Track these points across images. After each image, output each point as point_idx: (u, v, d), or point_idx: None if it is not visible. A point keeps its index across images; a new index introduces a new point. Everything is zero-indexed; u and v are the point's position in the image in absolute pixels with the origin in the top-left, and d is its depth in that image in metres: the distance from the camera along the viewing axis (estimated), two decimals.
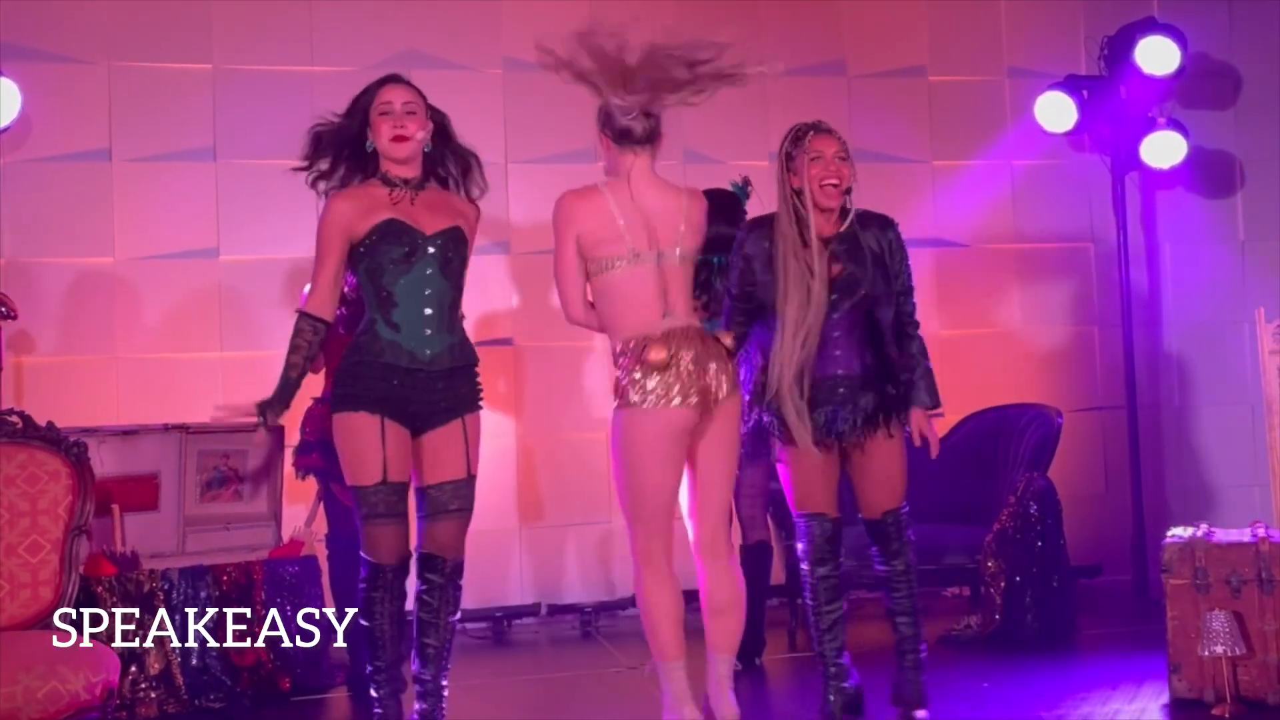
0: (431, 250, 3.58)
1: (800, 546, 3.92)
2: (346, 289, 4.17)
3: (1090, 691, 4.35)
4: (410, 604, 3.73)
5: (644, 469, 3.60)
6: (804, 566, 3.92)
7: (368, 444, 3.52)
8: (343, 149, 3.66)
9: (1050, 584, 5.15)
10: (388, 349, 3.56)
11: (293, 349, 3.62)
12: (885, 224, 3.95)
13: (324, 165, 3.68)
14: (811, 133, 3.88)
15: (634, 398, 3.59)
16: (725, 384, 3.64)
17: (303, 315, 3.65)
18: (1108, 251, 6.54)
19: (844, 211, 3.90)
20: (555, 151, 6.10)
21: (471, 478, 3.67)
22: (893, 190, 6.35)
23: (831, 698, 3.91)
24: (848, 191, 3.89)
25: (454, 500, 3.64)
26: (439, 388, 3.60)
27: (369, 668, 3.67)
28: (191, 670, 4.54)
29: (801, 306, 3.75)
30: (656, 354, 3.57)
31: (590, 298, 3.74)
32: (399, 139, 3.61)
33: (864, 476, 3.91)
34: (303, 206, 5.48)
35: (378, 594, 3.60)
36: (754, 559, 4.93)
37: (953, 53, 6.59)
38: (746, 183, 4.90)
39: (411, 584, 3.72)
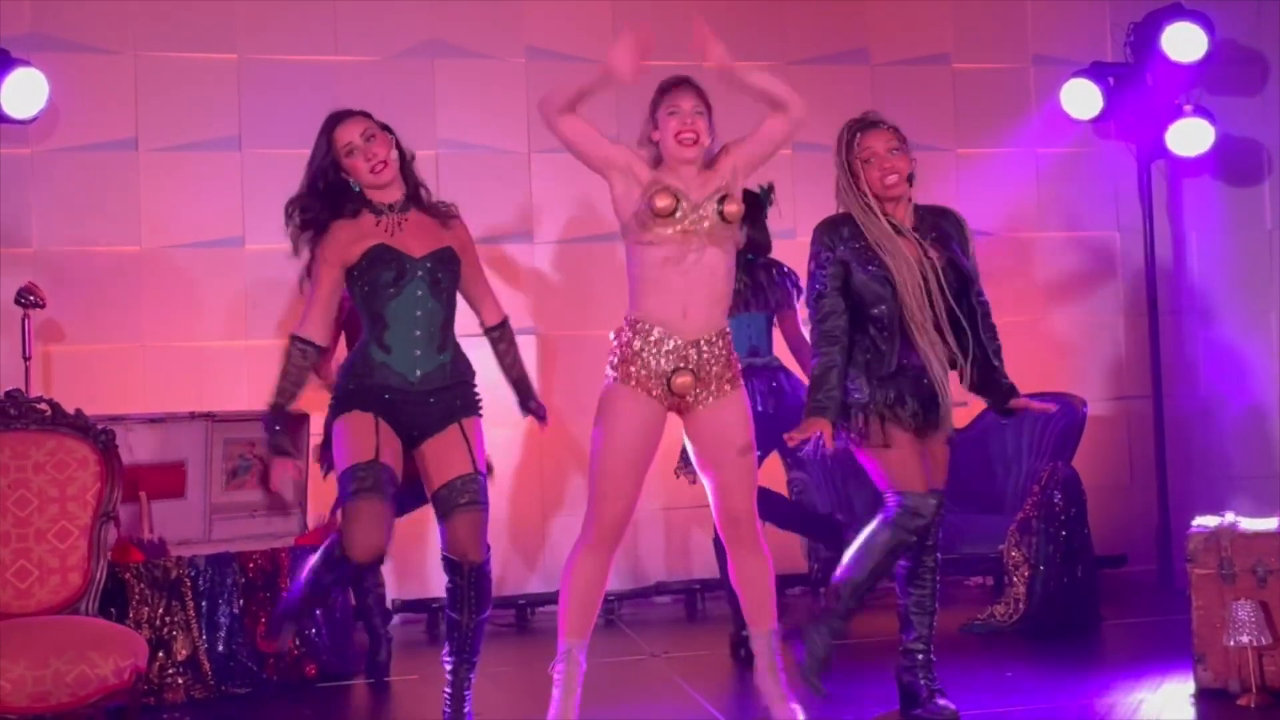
0: (420, 273, 3.64)
1: (903, 519, 3.73)
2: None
3: (1115, 682, 4.33)
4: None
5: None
6: (892, 532, 3.72)
7: (363, 433, 3.58)
8: (324, 198, 3.67)
9: (1074, 574, 5.13)
10: (378, 370, 3.64)
11: (282, 374, 3.67)
12: (945, 212, 3.95)
13: (310, 216, 3.69)
14: (859, 133, 3.83)
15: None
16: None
17: (294, 338, 3.70)
18: (1133, 240, 6.50)
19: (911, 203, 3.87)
20: None
21: (479, 473, 3.67)
22: (917, 179, 6.30)
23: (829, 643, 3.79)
24: (910, 179, 3.83)
25: (462, 494, 3.63)
26: (429, 402, 3.66)
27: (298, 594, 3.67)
28: (218, 656, 4.58)
29: (920, 289, 3.72)
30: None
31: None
32: (377, 168, 3.65)
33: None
34: None
35: (335, 584, 3.63)
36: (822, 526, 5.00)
37: (977, 40, 6.56)
38: (771, 190, 4.97)
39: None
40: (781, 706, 3.73)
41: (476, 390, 3.78)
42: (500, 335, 3.90)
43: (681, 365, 3.63)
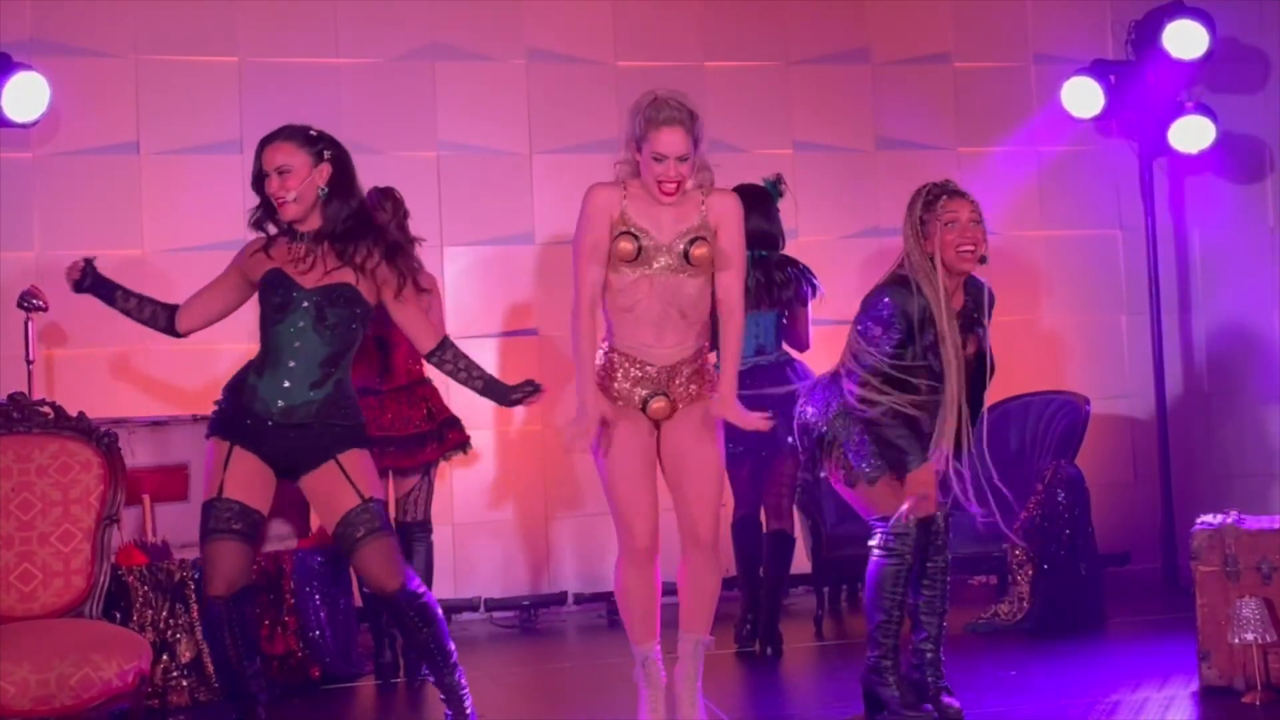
0: (305, 305, 3.57)
1: (894, 545, 3.80)
2: None
3: (1119, 680, 4.33)
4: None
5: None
6: (891, 561, 3.81)
7: (213, 465, 3.59)
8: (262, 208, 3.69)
9: (1078, 572, 5.13)
10: (247, 392, 3.62)
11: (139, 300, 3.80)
12: (980, 285, 3.87)
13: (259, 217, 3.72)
14: (944, 196, 3.78)
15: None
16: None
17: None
18: (1136, 238, 6.50)
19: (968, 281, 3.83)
20: (578, 142, 6.10)
21: (369, 500, 3.55)
22: (918, 178, 6.24)
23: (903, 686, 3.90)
24: (982, 260, 3.77)
25: (357, 529, 3.53)
26: (290, 437, 3.57)
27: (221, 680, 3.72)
28: None
29: (960, 376, 3.73)
30: None
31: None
32: (277, 201, 3.59)
33: None
34: None
35: (214, 626, 3.57)
36: (775, 547, 4.93)
37: (978, 39, 6.56)
38: (779, 180, 4.95)
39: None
40: (691, 716, 3.71)
41: (354, 427, 3.63)
42: (441, 358, 3.69)
43: (656, 391, 3.66)
